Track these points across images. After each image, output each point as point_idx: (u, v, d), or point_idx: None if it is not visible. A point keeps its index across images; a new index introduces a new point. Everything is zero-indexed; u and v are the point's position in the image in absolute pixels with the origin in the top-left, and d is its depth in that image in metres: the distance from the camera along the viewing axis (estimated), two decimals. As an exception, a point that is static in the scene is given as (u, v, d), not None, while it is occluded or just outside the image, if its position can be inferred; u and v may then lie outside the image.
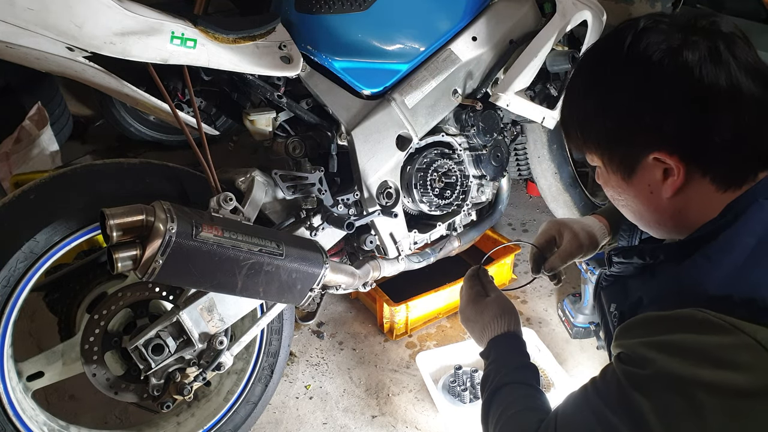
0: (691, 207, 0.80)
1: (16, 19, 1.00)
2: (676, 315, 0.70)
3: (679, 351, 0.67)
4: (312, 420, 1.64)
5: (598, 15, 1.79)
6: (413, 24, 1.54)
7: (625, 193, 0.87)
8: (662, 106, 0.76)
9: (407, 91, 1.55)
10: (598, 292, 0.99)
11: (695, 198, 0.79)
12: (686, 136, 0.76)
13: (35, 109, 2.50)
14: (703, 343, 0.66)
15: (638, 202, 0.86)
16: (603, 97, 0.83)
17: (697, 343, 0.66)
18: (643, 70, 0.77)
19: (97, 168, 1.22)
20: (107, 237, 1.02)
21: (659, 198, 0.81)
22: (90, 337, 1.21)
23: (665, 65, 0.75)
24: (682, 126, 0.76)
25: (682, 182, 0.78)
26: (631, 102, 0.79)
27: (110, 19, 1.09)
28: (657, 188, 0.81)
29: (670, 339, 0.69)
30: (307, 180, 1.42)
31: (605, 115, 0.83)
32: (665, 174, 0.79)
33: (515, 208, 2.69)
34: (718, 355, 0.65)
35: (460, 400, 1.62)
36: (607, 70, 0.82)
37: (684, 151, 0.77)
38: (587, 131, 0.87)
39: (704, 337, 0.66)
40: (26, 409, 1.20)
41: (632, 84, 0.79)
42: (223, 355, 1.26)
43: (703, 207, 0.79)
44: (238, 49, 1.29)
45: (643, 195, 0.83)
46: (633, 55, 0.79)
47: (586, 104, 0.86)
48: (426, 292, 1.92)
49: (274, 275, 1.16)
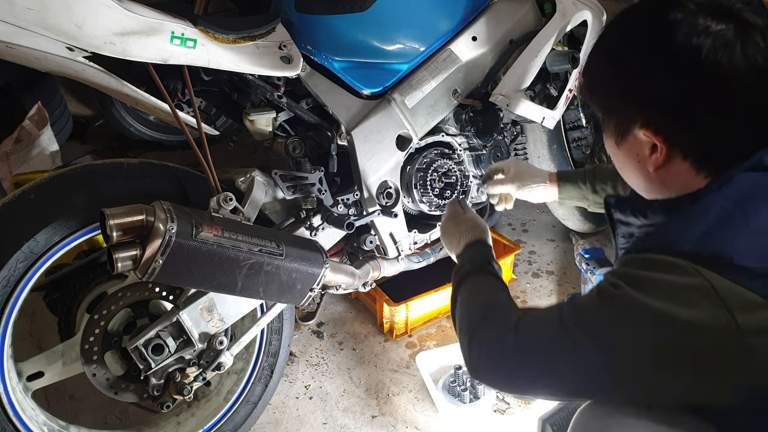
0: (673, 183, 0.85)
1: (16, 19, 1.00)
2: (649, 256, 0.79)
3: (643, 283, 0.76)
4: (312, 420, 1.64)
5: (598, 15, 1.79)
6: (413, 24, 1.54)
7: (617, 155, 0.93)
8: (660, 85, 0.80)
9: (407, 91, 1.55)
10: None
11: (676, 177, 0.84)
12: (673, 119, 0.80)
13: (35, 109, 2.50)
14: (664, 280, 0.74)
15: (629, 166, 0.91)
16: (613, 63, 0.88)
17: (659, 280, 0.75)
18: (654, 48, 0.81)
19: (97, 168, 1.22)
20: (107, 237, 1.02)
21: (645, 168, 0.87)
22: (90, 337, 1.21)
23: (676, 49, 0.78)
24: (672, 109, 0.80)
25: (664, 161, 0.83)
26: (632, 74, 0.84)
27: (110, 19, 1.09)
28: (644, 160, 0.86)
29: (640, 274, 0.78)
30: (307, 180, 1.42)
31: (611, 81, 0.88)
32: (652, 150, 0.84)
33: (515, 208, 2.66)
34: (673, 291, 0.73)
35: (460, 400, 1.62)
36: (624, 40, 0.87)
37: (668, 133, 0.81)
38: (594, 90, 0.92)
39: (667, 275, 0.74)
40: (26, 409, 1.20)
41: (638, 57, 0.83)
42: (223, 355, 1.26)
43: (684, 185, 0.84)
44: (238, 49, 1.29)
45: (632, 161, 0.89)
46: (650, 31, 0.82)
47: (597, 64, 0.91)
48: (426, 292, 1.92)
49: (274, 275, 1.16)
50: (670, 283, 0.73)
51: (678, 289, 0.72)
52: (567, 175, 1.47)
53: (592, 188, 1.41)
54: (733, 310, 0.69)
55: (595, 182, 1.41)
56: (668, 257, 0.75)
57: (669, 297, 0.73)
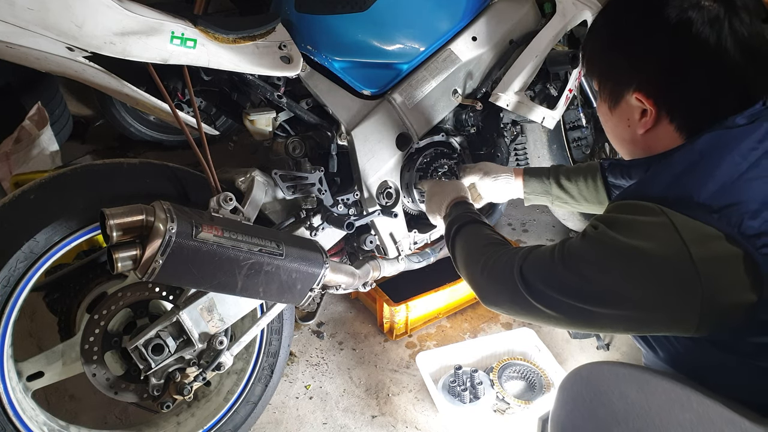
0: (657, 144, 0.96)
1: (16, 19, 1.00)
2: (625, 202, 0.90)
3: (616, 224, 0.87)
4: (312, 420, 1.64)
5: (598, 15, 1.79)
6: (413, 24, 1.54)
7: (609, 121, 1.04)
8: (654, 51, 0.91)
9: (407, 91, 1.55)
10: None
11: (662, 139, 0.95)
12: (664, 85, 0.91)
13: (35, 109, 2.49)
14: (634, 220, 0.84)
15: (618, 130, 1.03)
16: (611, 31, 0.99)
17: (629, 220, 0.85)
18: (649, 18, 0.91)
19: (97, 168, 1.22)
20: (107, 237, 1.02)
21: (635, 132, 0.98)
22: (90, 337, 1.21)
23: (671, 19, 0.88)
24: (664, 75, 0.91)
25: (653, 123, 0.94)
26: (630, 43, 0.94)
27: (110, 19, 1.09)
28: (634, 124, 0.97)
29: (615, 216, 0.89)
30: (307, 180, 1.42)
31: (609, 49, 0.99)
32: (642, 113, 0.95)
33: (515, 208, 2.69)
34: (640, 228, 0.83)
35: (460, 400, 1.62)
36: (622, 11, 0.98)
37: (658, 97, 0.92)
38: (592, 57, 1.04)
39: (637, 216, 0.84)
40: (26, 409, 1.20)
41: (635, 27, 0.93)
42: (223, 355, 1.26)
43: (666, 146, 0.94)
44: (238, 49, 1.29)
45: (622, 125, 1.00)
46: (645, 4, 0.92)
47: (598, 35, 1.03)
48: (426, 292, 1.92)
49: (274, 275, 1.16)
50: (638, 222, 0.84)
51: (643, 226, 0.83)
52: (532, 170, 1.51)
53: (557, 182, 1.46)
54: (687, 241, 0.78)
55: (560, 176, 1.46)
56: (641, 201, 0.85)
57: (635, 233, 0.83)
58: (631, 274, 0.83)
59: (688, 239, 0.78)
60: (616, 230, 0.86)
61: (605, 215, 0.91)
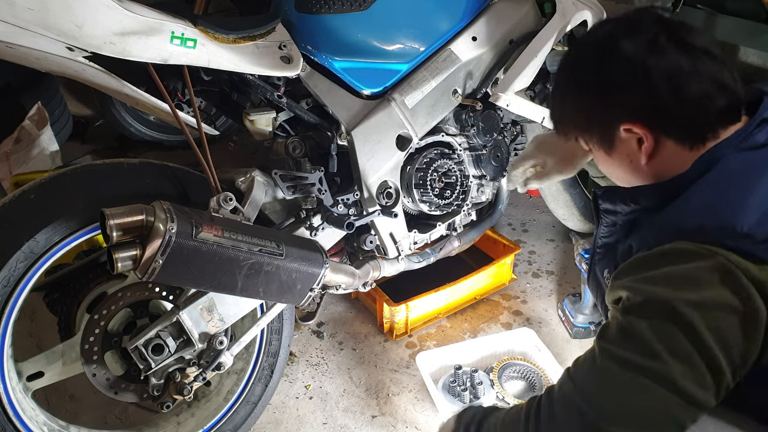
0: (666, 167, 0.92)
1: (16, 19, 1.00)
2: (659, 251, 0.82)
3: (665, 280, 0.79)
4: (312, 420, 1.64)
5: (598, 15, 1.79)
6: (413, 24, 1.54)
7: (610, 164, 1.00)
8: (619, 83, 0.90)
9: (407, 91, 1.55)
10: (592, 270, 1.10)
11: (668, 158, 0.91)
12: (642, 106, 0.89)
13: (35, 109, 2.49)
14: (685, 269, 0.77)
15: (623, 171, 0.99)
16: (576, 85, 0.98)
17: (679, 271, 0.78)
18: (599, 54, 0.93)
19: (97, 168, 1.22)
20: (107, 237, 1.02)
21: (639, 165, 0.94)
22: (90, 337, 1.21)
23: (613, 48, 0.90)
24: (637, 97, 0.89)
25: (653, 146, 0.91)
26: (597, 85, 0.94)
27: (110, 19, 1.09)
28: (635, 157, 0.94)
29: (656, 272, 0.80)
30: (307, 180, 1.42)
31: (579, 101, 0.98)
32: (639, 143, 0.92)
33: (515, 208, 2.69)
34: (698, 276, 0.76)
35: (460, 400, 1.62)
36: (579, 62, 0.99)
37: (644, 119, 0.90)
38: (567, 118, 1.02)
39: (684, 265, 0.78)
40: (26, 409, 1.20)
41: (595, 69, 0.94)
42: (223, 355, 1.26)
43: (676, 165, 0.90)
44: (238, 49, 1.29)
45: (625, 164, 0.97)
46: (598, 46, 0.94)
47: (564, 95, 1.02)
48: (426, 292, 1.92)
49: (274, 275, 1.16)
50: (692, 270, 0.77)
51: (700, 274, 0.76)
52: None
53: None
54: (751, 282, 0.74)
55: None
56: (679, 244, 0.79)
57: (696, 285, 0.76)
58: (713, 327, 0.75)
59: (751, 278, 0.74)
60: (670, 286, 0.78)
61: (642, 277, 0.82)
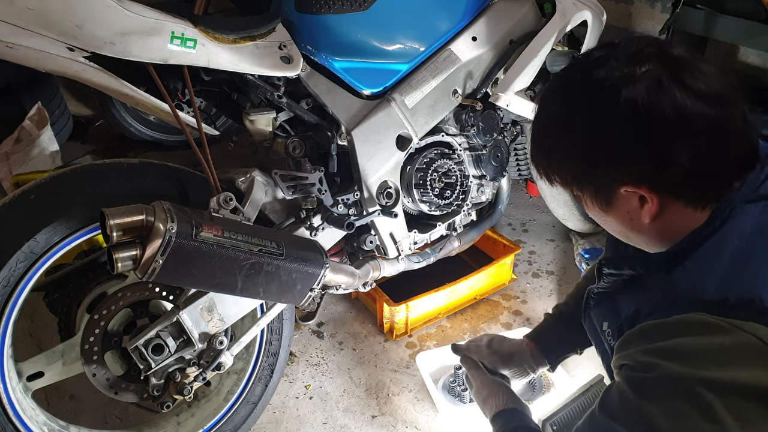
0: (673, 227, 0.80)
1: (16, 19, 1.00)
2: (674, 320, 0.72)
3: (681, 354, 0.68)
4: (312, 420, 1.64)
5: (598, 15, 1.79)
6: (413, 24, 1.54)
7: (606, 221, 0.88)
8: (616, 145, 0.76)
9: (407, 91, 1.55)
10: (587, 313, 1.00)
11: (675, 219, 0.79)
12: (647, 170, 0.76)
13: (35, 109, 2.50)
14: (704, 344, 0.67)
15: (620, 227, 0.86)
16: (563, 139, 0.83)
17: (698, 345, 0.67)
18: (594, 110, 0.77)
19: (97, 168, 1.22)
20: (107, 237, 1.02)
21: (640, 222, 0.81)
22: (90, 337, 1.21)
23: (612, 105, 0.75)
24: (640, 161, 0.75)
25: (658, 209, 0.79)
26: (587, 143, 0.79)
27: (110, 19, 1.09)
28: (636, 215, 0.81)
29: (670, 343, 0.70)
30: (307, 180, 1.42)
31: (569, 156, 0.83)
32: (641, 201, 0.79)
33: (515, 208, 2.69)
34: (721, 355, 0.66)
35: (460, 400, 1.62)
36: (569, 110, 0.82)
37: (650, 182, 0.77)
38: (554, 169, 0.87)
39: (704, 338, 0.67)
40: (26, 409, 1.20)
41: (586, 125, 0.79)
42: (223, 355, 1.26)
43: (684, 226, 0.79)
44: (238, 49, 1.29)
45: (624, 220, 0.84)
46: (583, 95, 0.79)
47: (552, 146, 0.86)
48: (426, 292, 1.92)
49: (274, 275, 1.16)
50: (714, 346, 0.67)
51: (724, 351, 0.66)
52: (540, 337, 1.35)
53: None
54: None
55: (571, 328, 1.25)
56: (697, 315, 0.69)
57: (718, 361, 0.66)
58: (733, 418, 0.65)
59: None
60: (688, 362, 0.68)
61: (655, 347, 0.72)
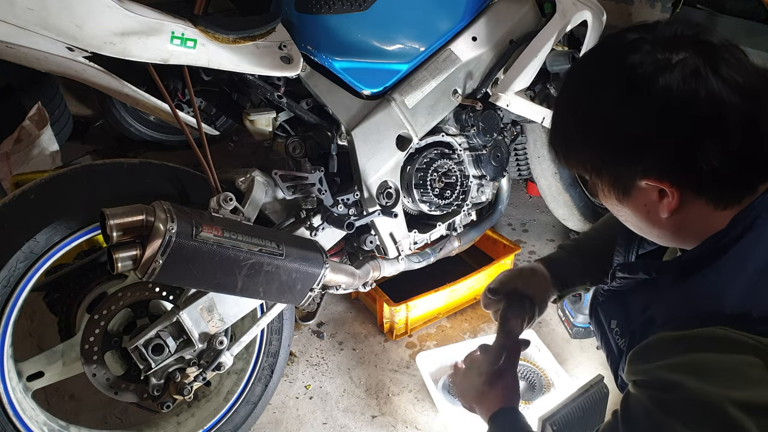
0: (691, 224, 0.78)
1: (16, 19, 1.00)
2: (695, 334, 0.69)
3: (706, 372, 0.66)
4: (312, 420, 1.64)
5: (598, 15, 1.79)
6: (413, 24, 1.54)
7: (621, 212, 0.85)
8: (643, 135, 0.73)
9: (407, 91, 1.55)
10: (594, 308, 0.98)
11: (694, 217, 0.77)
12: (671, 163, 0.73)
13: (35, 109, 2.50)
14: (729, 362, 0.65)
15: (637, 218, 0.83)
16: (586, 122, 0.80)
17: (723, 363, 0.65)
18: (624, 97, 0.74)
19: (97, 168, 1.22)
20: (107, 237, 1.02)
21: (657, 216, 0.78)
22: (90, 337, 1.21)
23: (644, 93, 0.72)
24: (665, 154, 0.72)
25: (678, 204, 0.75)
26: (611, 130, 0.76)
27: (110, 19, 1.09)
28: (654, 208, 0.78)
29: (693, 359, 0.67)
30: (307, 180, 1.42)
31: (590, 144, 0.80)
32: (661, 194, 0.76)
33: (515, 208, 2.69)
34: (749, 373, 0.63)
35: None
36: (589, 95, 0.79)
37: (673, 177, 0.74)
38: (572, 157, 0.84)
39: (728, 356, 0.65)
40: (26, 409, 1.20)
41: (613, 111, 0.75)
42: (223, 355, 1.26)
43: (703, 225, 0.76)
44: (238, 49, 1.29)
45: (640, 213, 0.81)
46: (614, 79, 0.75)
47: (574, 127, 0.82)
48: (426, 292, 1.92)
49: (274, 275, 1.16)
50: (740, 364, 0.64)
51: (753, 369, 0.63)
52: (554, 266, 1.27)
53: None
54: None
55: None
56: (720, 330, 0.66)
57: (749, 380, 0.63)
58: None
59: None
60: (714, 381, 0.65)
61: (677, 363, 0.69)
